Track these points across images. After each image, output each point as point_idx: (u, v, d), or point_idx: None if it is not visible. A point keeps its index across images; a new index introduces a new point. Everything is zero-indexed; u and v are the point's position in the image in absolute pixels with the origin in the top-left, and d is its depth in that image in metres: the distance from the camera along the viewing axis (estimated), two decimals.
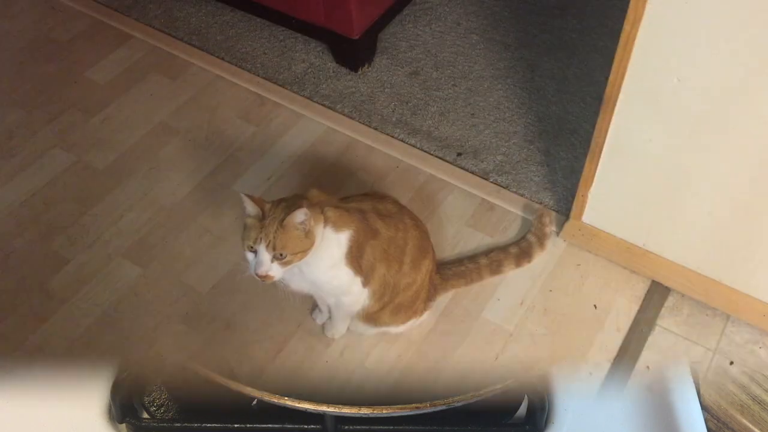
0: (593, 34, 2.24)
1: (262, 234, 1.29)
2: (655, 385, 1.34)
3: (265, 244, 1.29)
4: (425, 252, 1.52)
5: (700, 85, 1.30)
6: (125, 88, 2.17)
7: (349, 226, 1.38)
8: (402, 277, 1.48)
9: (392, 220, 1.47)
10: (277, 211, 1.32)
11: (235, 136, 2.04)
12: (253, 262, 1.32)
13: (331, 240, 1.36)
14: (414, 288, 1.51)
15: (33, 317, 1.69)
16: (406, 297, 1.51)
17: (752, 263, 1.53)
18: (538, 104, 2.07)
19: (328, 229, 1.36)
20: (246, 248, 1.32)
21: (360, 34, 2.08)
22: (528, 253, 1.72)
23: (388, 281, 1.46)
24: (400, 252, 1.46)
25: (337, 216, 1.37)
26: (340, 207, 1.40)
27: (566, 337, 1.64)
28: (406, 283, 1.49)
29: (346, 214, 1.39)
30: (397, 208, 1.51)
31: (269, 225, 1.30)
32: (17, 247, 1.82)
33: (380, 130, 2.03)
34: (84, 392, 1.37)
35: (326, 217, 1.35)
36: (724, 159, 1.38)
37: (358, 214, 1.41)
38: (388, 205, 1.50)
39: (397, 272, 1.47)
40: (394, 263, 1.46)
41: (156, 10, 2.37)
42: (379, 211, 1.46)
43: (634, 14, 1.27)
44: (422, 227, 1.55)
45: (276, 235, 1.29)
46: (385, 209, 1.48)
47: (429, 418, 1.35)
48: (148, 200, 1.90)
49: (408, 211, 1.55)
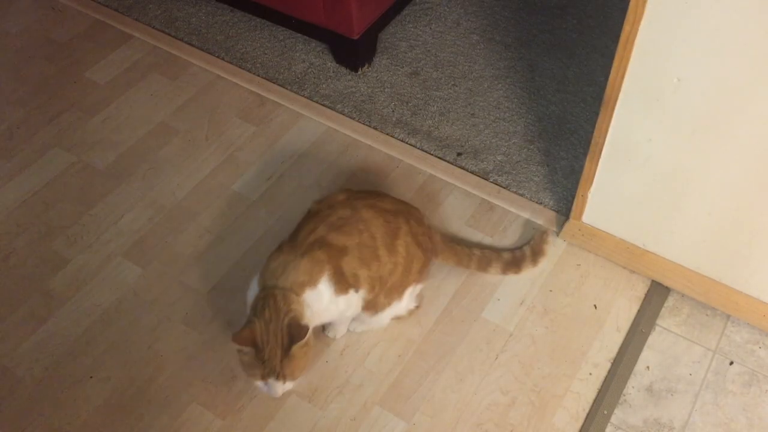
0: (593, 34, 2.24)
1: (266, 370, 1.28)
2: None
3: (275, 377, 1.29)
4: (396, 231, 1.49)
5: (700, 85, 1.30)
6: (125, 88, 2.17)
7: (322, 271, 1.38)
8: (383, 267, 1.48)
9: (350, 226, 1.44)
10: (270, 332, 1.29)
11: (235, 136, 2.04)
12: (264, 389, 1.32)
13: (314, 297, 1.37)
14: (399, 268, 1.51)
15: (33, 317, 1.69)
16: (394, 279, 1.51)
17: (752, 263, 1.53)
18: (538, 104, 2.07)
19: (308, 293, 1.36)
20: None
21: (360, 34, 2.08)
22: (518, 264, 1.70)
23: (374, 277, 1.46)
24: (373, 250, 1.46)
25: (309, 277, 1.36)
26: (306, 256, 1.38)
27: (566, 337, 1.64)
28: (389, 270, 1.49)
29: (315, 265, 1.38)
30: (350, 209, 1.47)
31: (271, 357, 1.28)
32: (17, 247, 1.82)
33: (380, 130, 2.03)
34: None
35: (303, 290, 1.36)
36: (724, 159, 1.38)
37: (322, 251, 1.39)
38: (340, 211, 1.46)
39: (378, 266, 1.46)
40: (373, 262, 1.45)
41: (156, 10, 2.37)
42: (335, 225, 1.44)
43: (634, 14, 1.27)
44: (381, 205, 1.51)
45: (283, 365, 1.28)
46: (339, 218, 1.45)
47: None
48: (148, 200, 1.90)
49: (361, 196, 1.52)
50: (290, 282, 1.36)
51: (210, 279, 1.75)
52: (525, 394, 1.56)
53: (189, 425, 1.53)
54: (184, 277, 1.75)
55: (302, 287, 1.36)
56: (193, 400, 1.56)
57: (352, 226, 1.44)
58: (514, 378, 1.58)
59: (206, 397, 1.56)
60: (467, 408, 1.54)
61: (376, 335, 1.64)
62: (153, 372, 1.61)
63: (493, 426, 1.52)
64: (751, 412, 1.52)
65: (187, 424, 1.53)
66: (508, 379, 1.58)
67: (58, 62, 2.25)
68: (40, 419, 1.54)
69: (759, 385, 1.56)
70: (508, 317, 1.67)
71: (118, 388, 1.58)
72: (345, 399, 1.56)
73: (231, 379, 1.58)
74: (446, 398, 1.56)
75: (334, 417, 1.54)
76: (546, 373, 1.59)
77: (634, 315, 1.66)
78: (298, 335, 1.29)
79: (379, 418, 1.54)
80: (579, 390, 1.56)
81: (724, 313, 1.65)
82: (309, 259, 1.38)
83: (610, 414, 1.53)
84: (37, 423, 1.54)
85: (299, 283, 1.36)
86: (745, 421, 1.51)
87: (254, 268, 1.49)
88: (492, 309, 1.68)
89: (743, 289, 1.59)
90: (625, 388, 1.56)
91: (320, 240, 1.41)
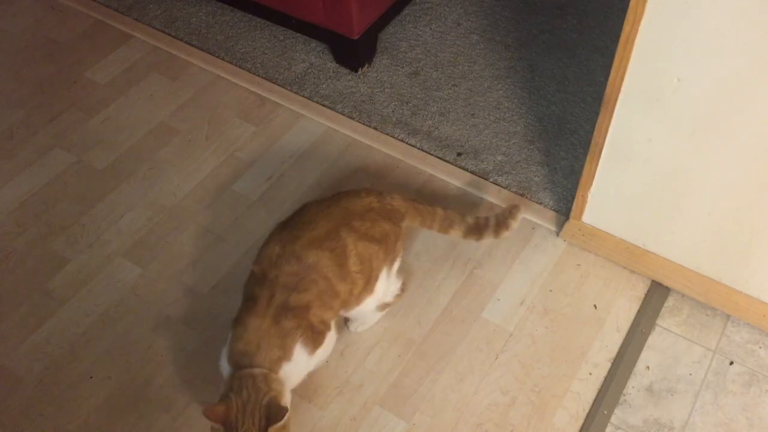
0: (593, 34, 2.24)
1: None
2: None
3: None
4: (342, 252, 1.42)
5: (700, 85, 1.30)
6: (125, 88, 2.17)
7: (294, 339, 1.35)
8: (344, 295, 1.44)
9: (304, 281, 1.38)
10: (246, 412, 1.25)
11: (235, 136, 2.04)
12: None
13: (291, 368, 1.35)
14: (360, 281, 1.46)
15: (33, 317, 1.69)
16: (359, 290, 1.47)
17: (752, 263, 1.53)
18: (538, 104, 2.07)
19: (285, 366, 1.34)
20: None
21: (360, 34, 2.08)
22: (480, 231, 1.62)
23: (339, 308, 1.46)
24: (331, 290, 1.41)
25: (283, 351, 1.34)
26: (273, 329, 1.34)
27: (566, 337, 1.64)
28: (349, 291, 1.45)
29: (286, 336, 1.34)
30: (293, 259, 1.39)
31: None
32: (17, 247, 1.82)
33: (380, 130, 2.03)
34: None
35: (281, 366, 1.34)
36: (724, 159, 1.38)
37: (288, 318, 1.35)
38: (285, 267, 1.39)
39: (340, 299, 1.44)
40: (334, 300, 1.42)
41: (156, 10, 2.37)
42: (289, 285, 1.38)
43: (634, 14, 1.27)
44: (316, 233, 1.42)
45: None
46: (289, 275, 1.38)
47: None
48: (148, 200, 1.90)
49: (292, 233, 1.44)
50: (266, 361, 1.33)
51: (210, 279, 1.75)
52: (525, 394, 1.56)
53: (189, 425, 1.53)
54: (184, 277, 1.75)
55: (279, 363, 1.33)
56: (193, 400, 1.56)
57: (306, 280, 1.38)
58: (514, 378, 1.58)
59: (206, 397, 1.56)
60: (467, 408, 1.54)
61: (376, 335, 1.64)
62: (153, 372, 1.61)
63: (493, 426, 1.52)
64: (751, 412, 1.52)
65: (187, 424, 1.53)
66: (508, 379, 1.58)
67: (58, 62, 2.25)
68: (40, 419, 1.54)
69: (759, 385, 1.56)
70: (508, 317, 1.67)
71: (118, 388, 1.58)
72: (345, 399, 1.56)
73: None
74: (446, 398, 1.56)
75: (334, 417, 1.54)
76: (546, 373, 1.59)
77: (634, 315, 1.66)
78: (276, 416, 1.25)
79: (379, 418, 1.54)
80: (579, 390, 1.56)
81: (724, 313, 1.65)
82: (278, 331, 1.34)
83: (610, 414, 1.53)
84: (37, 423, 1.54)
85: (275, 359, 1.33)
86: (745, 421, 1.51)
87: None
88: (492, 309, 1.68)
89: (743, 289, 1.59)
90: (625, 388, 1.56)
91: (282, 306, 1.36)
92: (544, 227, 1.82)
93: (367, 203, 1.52)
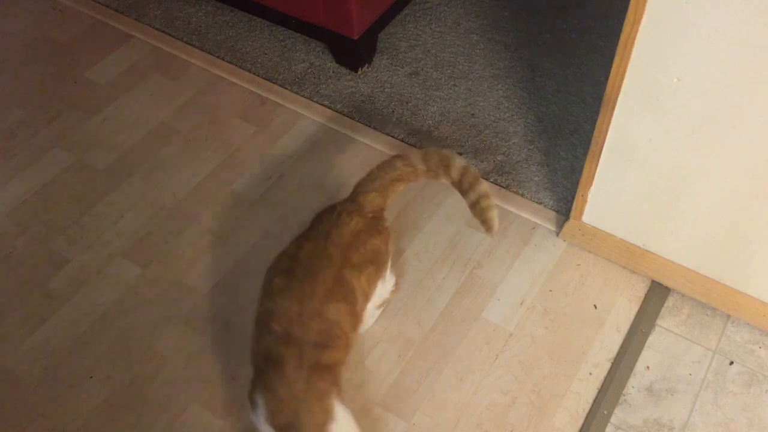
0: (593, 34, 2.24)
1: None
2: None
3: None
4: (348, 288, 1.38)
5: (700, 85, 1.30)
6: (125, 89, 2.17)
7: (330, 398, 1.31)
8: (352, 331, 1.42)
9: (333, 338, 1.34)
10: None
11: (235, 136, 2.04)
12: None
13: (336, 427, 1.30)
14: (361, 302, 1.44)
15: (33, 317, 1.69)
16: (360, 307, 1.45)
17: (752, 263, 1.53)
18: (538, 104, 2.07)
19: (330, 427, 1.29)
20: None
21: (360, 34, 2.08)
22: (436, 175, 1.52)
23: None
24: (346, 337, 1.38)
25: (325, 414, 1.28)
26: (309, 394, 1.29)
27: (566, 337, 1.64)
28: (355, 323, 1.43)
29: (323, 398, 1.29)
30: (317, 316, 1.34)
31: None
32: (17, 247, 1.82)
33: (380, 130, 2.03)
34: None
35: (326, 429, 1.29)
36: (724, 159, 1.39)
37: (323, 380, 1.31)
38: (311, 324, 1.33)
39: (348, 341, 1.41)
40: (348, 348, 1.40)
41: (156, 10, 2.37)
42: (319, 344, 1.32)
43: (634, 14, 1.27)
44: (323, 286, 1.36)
45: None
46: (317, 333, 1.33)
47: None
48: (148, 200, 1.91)
49: (309, 246, 1.40)
50: (313, 428, 1.28)
51: (210, 279, 1.75)
52: (525, 394, 1.56)
53: (189, 425, 1.53)
54: (184, 277, 1.75)
55: (322, 427, 1.29)
56: (193, 400, 1.56)
57: (333, 336, 1.34)
58: (514, 378, 1.58)
59: (206, 397, 1.56)
60: (467, 408, 1.54)
61: (376, 335, 1.64)
62: (153, 372, 1.61)
63: (493, 426, 1.52)
64: (751, 412, 1.52)
65: (187, 424, 1.53)
66: (508, 379, 1.58)
67: (58, 62, 2.25)
68: (40, 419, 1.54)
69: (759, 385, 1.56)
70: (508, 317, 1.67)
71: (118, 388, 1.58)
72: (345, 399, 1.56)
73: (231, 379, 1.58)
74: (446, 398, 1.56)
75: None
76: (546, 373, 1.59)
77: (634, 315, 1.66)
78: None
79: (379, 418, 1.54)
80: (579, 390, 1.56)
81: (724, 313, 1.65)
82: (314, 396, 1.30)
83: (610, 414, 1.53)
84: (37, 423, 1.54)
85: (318, 425, 1.28)
86: (745, 421, 1.51)
87: (254, 268, 1.49)
88: (492, 309, 1.68)
89: (743, 289, 1.59)
90: (625, 388, 1.56)
91: (314, 367, 1.30)
92: (544, 227, 1.82)
93: (354, 227, 1.43)
